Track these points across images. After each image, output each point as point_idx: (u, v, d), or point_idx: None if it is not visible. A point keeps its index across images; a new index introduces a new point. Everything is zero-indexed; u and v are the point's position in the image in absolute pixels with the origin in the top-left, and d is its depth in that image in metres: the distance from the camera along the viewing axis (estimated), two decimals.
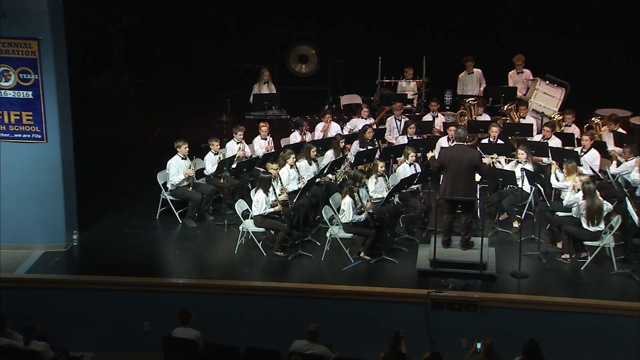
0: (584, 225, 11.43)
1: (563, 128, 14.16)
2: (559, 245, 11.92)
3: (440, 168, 11.52)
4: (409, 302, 10.89)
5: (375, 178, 12.37)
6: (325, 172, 12.85)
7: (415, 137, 13.90)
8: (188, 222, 12.83)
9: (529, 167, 12.44)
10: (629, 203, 11.34)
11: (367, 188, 12.10)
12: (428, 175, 12.40)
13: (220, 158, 13.08)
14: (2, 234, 11.86)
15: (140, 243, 12.35)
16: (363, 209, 11.80)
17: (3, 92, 11.50)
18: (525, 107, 14.66)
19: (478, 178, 12.04)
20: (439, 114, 15.01)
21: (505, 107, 14.98)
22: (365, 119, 14.62)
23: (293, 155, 12.68)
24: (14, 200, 11.84)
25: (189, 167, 12.82)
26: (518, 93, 15.51)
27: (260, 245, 11.97)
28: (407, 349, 9.56)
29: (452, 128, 13.54)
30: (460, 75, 16.11)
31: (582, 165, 12.63)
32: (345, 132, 14.51)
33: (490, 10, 18.86)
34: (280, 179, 12.36)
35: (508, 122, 14.68)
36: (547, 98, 15.06)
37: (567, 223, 11.67)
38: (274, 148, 13.90)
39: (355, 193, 11.76)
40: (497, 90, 15.56)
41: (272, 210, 11.94)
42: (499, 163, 12.73)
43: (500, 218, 12.81)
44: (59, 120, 11.70)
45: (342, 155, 13.21)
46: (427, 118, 14.93)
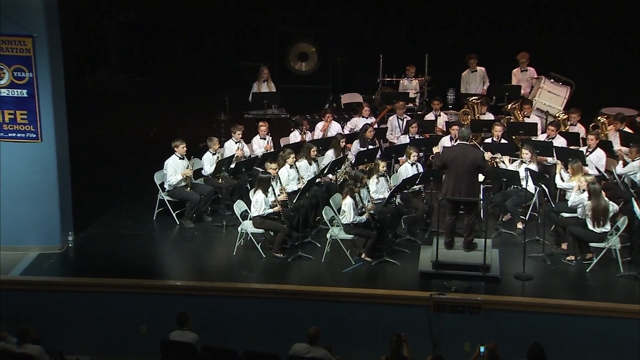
0: (590, 227, 11.42)
1: (568, 127, 14.15)
2: (564, 247, 11.92)
3: (442, 167, 11.52)
4: (411, 304, 10.89)
5: (377, 178, 12.36)
6: (326, 172, 12.85)
7: (418, 136, 13.90)
8: (186, 223, 12.83)
9: (534, 167, 12.44)
10: (636, 204, 11.34)
11: (368, 188, 12.10)
12: (430, 176, 12.40)
13: (219, 158, 13.08)
14: None
15: (137, 244, 12.35)
16: (364, 210, 11.80)
17: None
18: (530, 105, 14.66)
19: (481, 178, 12.05)
20: (442, 113, 15.03)
21: (509, 106, 14.97)
22: (366, 118, 14.63)
23: (293, 155, 12.68)
24: (8, 201, 11.84)
25: (187, 167, 12.82)
26: (522, 91, 15.51)
27: (260, 247, 11.97)
28: (409, 353, 9.55)
29: (455, 127, 13.54)
30: (463, 74, 16.13)
31: (587, 165, 12.62)
32: (346, 131, 14.52)
33: (494, 7, 18.86)
34: (280, 179, 12.36)
35: (512, 121, 14.67)
36: (551, 97, 15.07)
37: (572, 224, 11.67)
38: (274, 148, 13.90)
39: (356, 193, 11.76)
40: (500, 89, 15.57)
41: (271, 211, 11.94)
42: (503, 163, 12.73)
43: (504, 219, 12.80)
44: (54, 119, 11.70)
45: (342, 155, 13.21)
46: (429, 117, 14.94)
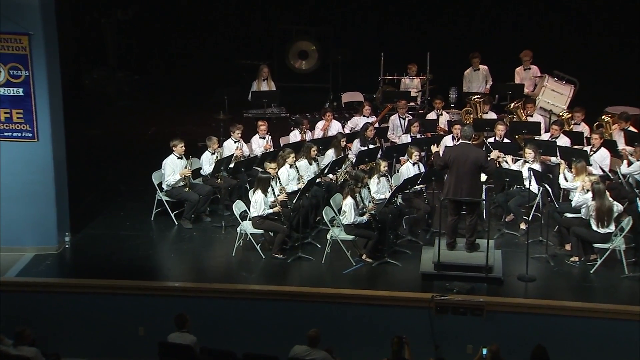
0: (594, 227, 11.42)
1: (572, 126, 14.16)
2: (568, 248, 11.93)
3: (444, 167, 11.53)
4: (413, 306, 10.90)
5: (378, 178, 12.37)
6: (326, 172, 12.85)
7: (419, 135, 13.91)
8: (184, 223, 12.84)
9: (537, 166, 12.44)
10: None
11: (369, 188, 12.10)
12: (432, 175, 12.40)
13: (218, 157, 13.09)
14: None
15: (135, 245, 12.35)
16: (365, 210, 11.80)
17: None
18: (533, 104, 14.66)
19: (484, 178, 12.05)
20: (444, 112, 15.03)
21: (512, 104, 14.98)
22: (367, 117, 14.63)
23: (293, 155, 12.68)
24: (4, 201, 11.83)
25: (185, 166, 12.82)
26: (525, 90, 15.52)
27: (259, 248, 11.97)
28: (410, 355, 9.55)
29: (457, 126, 13.54)
30: (466, 72, 16.13)
31: (591, 165, 12.63)
32: (347, 130, 14.52)
33: (497, 4, 18.86)
34: (280, 179, 12.36)
35: (515, 120, 14.69)
36: (555, 95, 15.07)
37: (576, 225, 11.67)
38: (273, 147, 13.90)
39: (357, 194, 11.76)
40: (503, 88, 15.58)
41: (271, 212, 11.95)
42: (506, 162, 12.73)
43: (507, 219, 12.80)
44: (51, 118, 11.70)
45: (343, 155, 13.21)
46: (431, 116, 14.94)
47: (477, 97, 15.22)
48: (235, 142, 13.52)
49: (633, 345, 10.48)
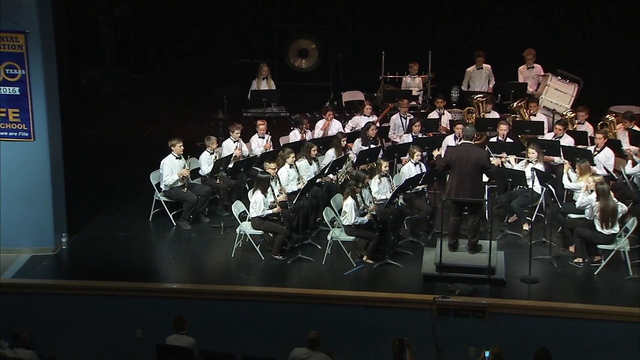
0: (598, 228, 11.43)
1: (576, 126, 14.16)
2: (571, 249, 11.93)
3: (446, 167, 11.53)
4: (414, 308, 10.90)
5: (379, 178, 12.38)
6: (326, 172, 12.86)
7: (421, 135, 13.91)
8: (182, 224, 12.84)
9: (540, 166, 12.45)
10: None
11: (370, 189, 12.11)
12: (434, 176, 12.41)
13: (216, 157, 13.10)
14: None
15: (133, 246, 12.36)
16: (366, 211, 11.81)
17: None
18: (536, 104, 14.67)
19: (486, 178, 12.05)
20: (445, 112, 15.03)
21: (515, 104, 14.99)
22: (368, 117, 14.64)
23: (292, 155, 12.69)
24: (0, 202, 11.84)
25: (184, 166, 12.83)
26: (528, 89, 15.54)
27: (258, 249, 11.98)
28: (411, 358, 9.56)
29: (459, 126, 13.54)
30: (469, 69, 16.13)
31: (595, 165, 12.63)
32: (347, 130, 14.53)
33: (499, 2, 18.86)
34: (279, 179, 12.37)
35: (518, 119, 14.69)
36: (559, 94, 15.08)
37: (579, 225, 11.68)
38: (273, 147, 13.91)
39: (358, 194, 11.76)
40: (506, 87, 15.59)
41: (270, 212, 11.95)
42: (509, 163, 12.74)
43: (510, 220, 12.81)
44: (47, 118, 11.71)
45: (343, 155, 13.22)
46: (432, 115, 14.95)
47: (479, 96, 15.22)
48: (235, 141, 13.53)
49: (638, 348, 10.48)
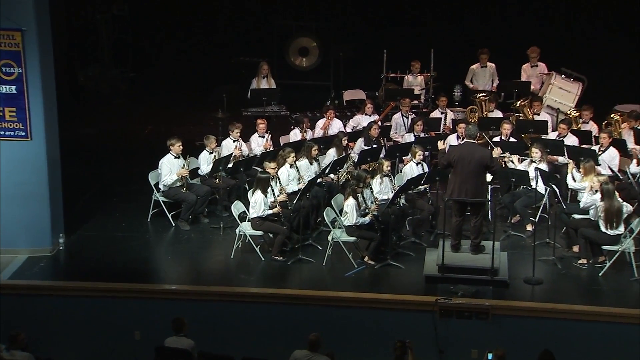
0: (602, 229, 11.43)
1: (580, 125, 14.16)
2: (576, 250, 11.93)
3: (448, 166, 11.53)
4: (416, 309, 10.91)
5: (380, 178, 12.38)
6: (327, 171, 12.87)
7: (423, 134, 13.92)
8: (181, 224, 12.85)
9: (544, 166, 12.45)
10: None
11: (371, 189, 12.11)
12: (436, 175, 12.41)
13: (216, 157, 13.10)
14: None
15: (131, 247, 12.37)
16: (367, 211, 11.81)
17: None
18: (540, 102, 14.66)
19: (489, 178, 12.06)
20: (448, 110, 15.03)
21: (519, 102, 14.97)
22: (370, 116, 14.65)
23: (293, 154, 12.69)
24: None
25: (183, 166, 12.83)
26: (532, 88, 15.52)
27: (258, 250, 11.98)
28: None
29: (461, 125, 13.56)
30: (473, 66, 16.12)
31: (600, 165, 12.63)
32: (348, 129, 14.54)
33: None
34: (279, 179, 12.37)
35: (521, 118, 14.69)
36: (563, 93, 15.07)
37: (584, 226, 11.68)
38: (273, 146, 13.91)
39: (359, 194, 11.77)
40: (509, 85, 15.58)
41: (270, 212, 11.96)
42: (512, 162, 12.74)
43: (513, 221, 12.81)
44: (44, 117, 11.71)
45: (345, 154, 13.23)
46: (434, 114, 14.95)
47: (482, 95, 15.23)
48: (234, 141, 13.53)
49: None
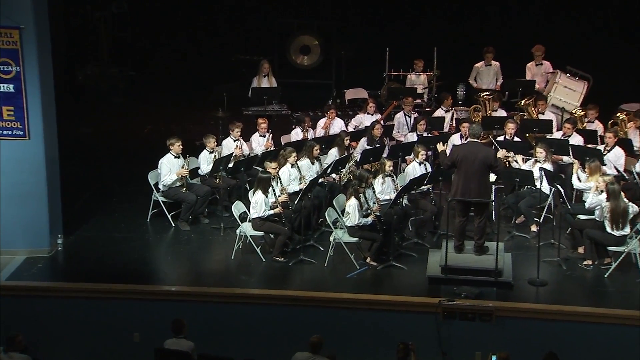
0: (608, 229, 11.42)
1: (585, 124, 14.16)
2: (581, 251, 11.93)
3: (451, 166, 11.53)
4: (419, 311, 10.90)
5: (383, 178, 12.38)
6: (329, 171, 12.87)
7: (426, 134, 13.91)
8: (181, 225, 12.86)
9: (548, 166, 12.44)
10: None
11: (373, 189, 12.11)
12: (439, 175, 12.41)
13: (216, 157, 13.10)
14: None
15: (130, 248, 12.37)
16: (369, 212, 11.81)
17: None
18: (545, 102, 14.67)
19: (493, 178, 12.05)
20: (451, 110, 15.03)
21: (523, 101, 14.98)
22: (372, 115, 14.66)
23: (294, 154, 12.69)
24: None
25: (183, 166, 12.84)
26: (537, 86, 15.53)
27: (259, 250, 11.99)
28: None
29: (465, 125, 13.55)
30: (477, 65, 16.12)
31: (605, 165, 12.63)
32: (350, 128, 14.54)
33: None
34: (280, 179, 12.37)
35: (526, 118, 14.70)
36: (568, 92, 15.07)
37: (589, 227, 11.67)
38: (274, 146, 13.92)
39: (361, 194, 11.76)
40: (514, 84, 15.56)
41: (271, 213, 11.96)
42: (516, 162, 12.74)
43: (517, 221, 12.80)
44: (43, 116, 11.71)
45: (347, 154, 13.23)
46: (438, 114, 14.95)
47: (486, 94, 15.23)
48: (235, 140, 13.54)
49: None
